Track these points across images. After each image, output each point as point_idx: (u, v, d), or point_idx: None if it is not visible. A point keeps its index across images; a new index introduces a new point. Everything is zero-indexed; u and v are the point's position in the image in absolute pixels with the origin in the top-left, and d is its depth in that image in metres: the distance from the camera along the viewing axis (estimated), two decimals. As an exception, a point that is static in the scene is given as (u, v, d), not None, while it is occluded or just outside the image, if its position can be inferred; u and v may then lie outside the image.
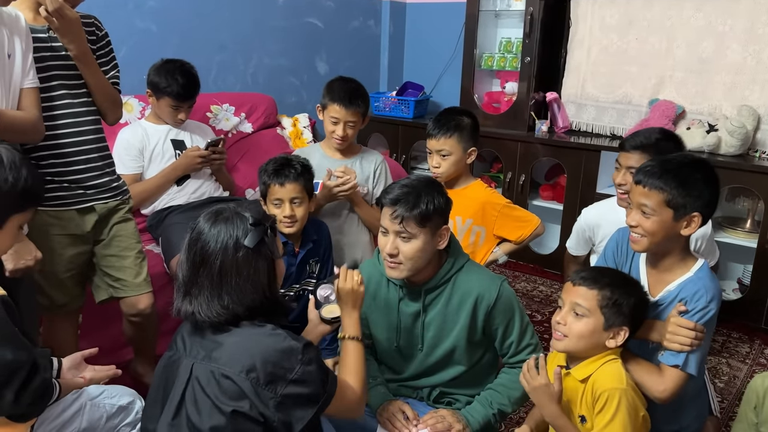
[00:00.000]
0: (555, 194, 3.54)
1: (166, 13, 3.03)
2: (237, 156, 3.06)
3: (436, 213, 1.53)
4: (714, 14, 2.95)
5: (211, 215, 1.29)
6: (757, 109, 2.89)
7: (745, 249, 2.92)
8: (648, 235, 1.52)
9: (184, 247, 1.29)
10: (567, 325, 1.45)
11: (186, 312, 1.27)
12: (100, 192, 1.85)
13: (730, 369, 2.61)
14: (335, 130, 2.28)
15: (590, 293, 1.44)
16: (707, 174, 1.52)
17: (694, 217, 1.50)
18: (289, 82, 3.77)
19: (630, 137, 2.00)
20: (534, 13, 3.33)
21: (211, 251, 1.24)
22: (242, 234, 1.24)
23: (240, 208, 1.29)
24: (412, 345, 1.67)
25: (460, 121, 2.16)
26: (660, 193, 1.49)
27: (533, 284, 3.44)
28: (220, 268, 1.23)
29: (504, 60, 3.68)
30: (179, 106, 2.45)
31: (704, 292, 1.49)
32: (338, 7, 3.93)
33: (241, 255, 1.24)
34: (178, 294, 1.29)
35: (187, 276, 1.27)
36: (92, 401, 1.50)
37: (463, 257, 1.64)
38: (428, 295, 1.62)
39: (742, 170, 2.80)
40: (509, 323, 1.62)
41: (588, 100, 3.44)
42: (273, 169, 2.01)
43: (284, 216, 1.99)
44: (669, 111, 3.07)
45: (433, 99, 4.15)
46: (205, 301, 1.24)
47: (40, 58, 1.68)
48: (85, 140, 1.80)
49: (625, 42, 3.24)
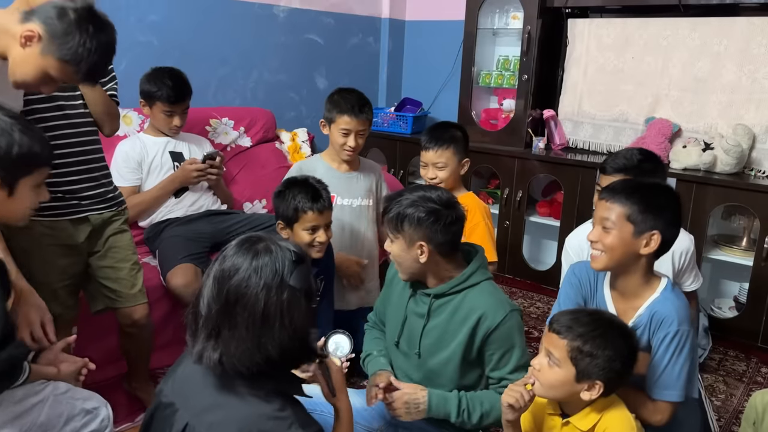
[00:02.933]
0: (552, 210, 3.55)
1: (168, 27, 3.06)
2: (235, 169, 3.07)
3: (407, 223, 1.54)
4: (709, 34, 2.99)
5: (246, 245, 1.13)
6: (752, 128, 2.91)
7: (741, 267, 2.93)
8: (607, 251, 1.52)
9: (211, 279, 1.12)
10: (541, 371, 1.38)
11: (210, 358, 1.10)
12: (95, 203, 1.85)
13: (727, 387, 2.60)
14: (346, 141, 2.28)
15: (561, 342, 1.35)
16: (670, 196, 1.54)
17: (653, 235, 1.49)
18: (289, 97, 3.80)
19: (611, 159, 2.01)
20: (531, 32, 3.37)
21: (251, 290, 1.08)
22: (287, 271, 1.10)
23: (278, 240, 1.16)
24: (410, 347, 1.68)
25: (454, 134, 2.22)
26: (621, 206, 1.50)
27: (530, 300, 3.44)
28: (263, 311, 1.08)
29: (501, 77, 3.71)
30: (172, 111, 2.47)
31: (674, 316, 1.48)
32: (338, 24, 3.97)
33: (287, 296, 1.10)
34: (198, 336, 1.12)
35: (215, 317, 1.10)
36: (56, 396, 1.44)
37: (482, 275, 1.63)
38: (436, 300, 1.63)
39: (738, 188, 2.81)
40: (506, 354, 1.58)
41: (585, 118, 3.46)
42: (310, 196, 1.94)
43: (319, 241, 1.98)
44: (665, 129, 3.10)
45: (432, 115, 4.18)
46: (236, 347, 1.08)
47: None
48: (80, 151, 1.81)
49: (621, 61, 3.27)
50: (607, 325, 1.36)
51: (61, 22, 1.37)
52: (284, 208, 1.97)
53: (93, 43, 1.40)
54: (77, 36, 1.38)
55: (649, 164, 1.96)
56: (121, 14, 2.82)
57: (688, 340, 1.50)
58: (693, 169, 2.96)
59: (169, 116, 2.47)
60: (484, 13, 3.61)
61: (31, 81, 1.45)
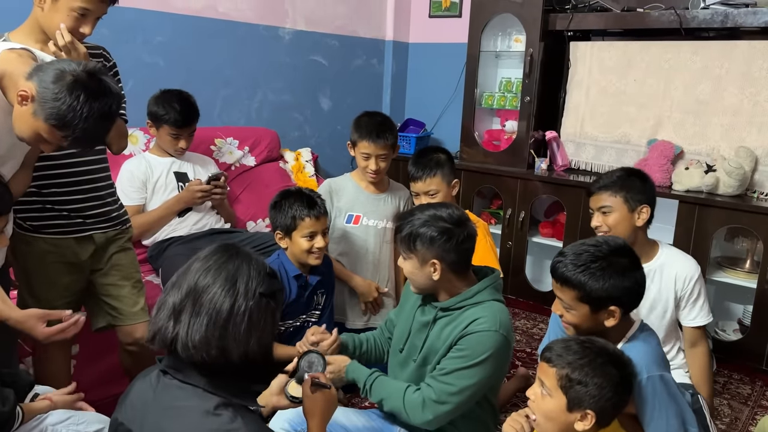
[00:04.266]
0: (555, 231, 3.55)
1: (174, 48, 3.09)
2: (239, 188, 3.09)
3: (420, 242, 1.58)
4: (710, 57, 3.01)
5: (225, 249, 1.20)
6: (754, 150, 2.92)
7: (745, 289, 2.91)
8: (572, 326, 1.52)
9: (183, 271, 1.18)
10: (535, 402, 1.37)
11: (164, 335, 1.13)
12: (100, 221, 1.85)
13: (732, 411, 2.58)
14: (368, 165, 2.33)
15: (551, 371, 1.33)
16: (623, 263, 1.49)
17: (612, 311, 1.48)
18: (293, 117, 3.83)
19: (594, 182, 2.06)
20: (534, 54, 3.40)
21: (221, 285, 1.14)
22: (260, 279, 1.17)
23: (256, 253, 1.23)
24: (411, 354, 1.71)
25: (439, 159, 2.26)
26: (572, 289, 1.48)
27: (533, 321, 3.42)
28: (230, 307, 1.13)
29: (504, 99, 3.74)
30: (179, 134, 2.49)
31: (641, 367, 1.43)
32: (342, 46, 4.01)
33: (255, 300, 1.15)
34: (159, 315, 1.16)
35: (181, 300, 1.14)
36: (54, 426, 1.43)
37: (490, 294, 1.64)
38: (441, 312, 1.65)
39: (741, 210, 2.81)
40: (458, 357, 1.56)
41: (587, 140, 3.48)
42: (305, 204, 2.03)
43: (318, 247, 2.04)
44: (667, 151, 3.11)
45: (434, 136, 4.21)
46: (198, 332, 1.11)
47: None
48: (87, 170, 1.81)
49: (623, 83, 3.30)
50: (597, 353, 1.33)
51: (55, 86, 1.35)
52: (281, 218, 2.04)
53: (84, 110, 1.36)
54: (67, 101, 1.35)
55: (630, 178, 1.99)
56: (128, 35, 2.85)
57: (662, 382, 1.46)
58: (695, 191, 2.97)
59: (175, 139, 2.50)
60: (486, 36, 3.65)
61: (27, 139, 1.44)
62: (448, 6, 4.17)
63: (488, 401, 1.70)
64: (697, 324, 2.02)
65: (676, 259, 2.03)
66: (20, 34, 1.64)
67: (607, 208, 1.98)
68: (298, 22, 3.71)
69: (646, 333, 1.54)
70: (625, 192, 1.96)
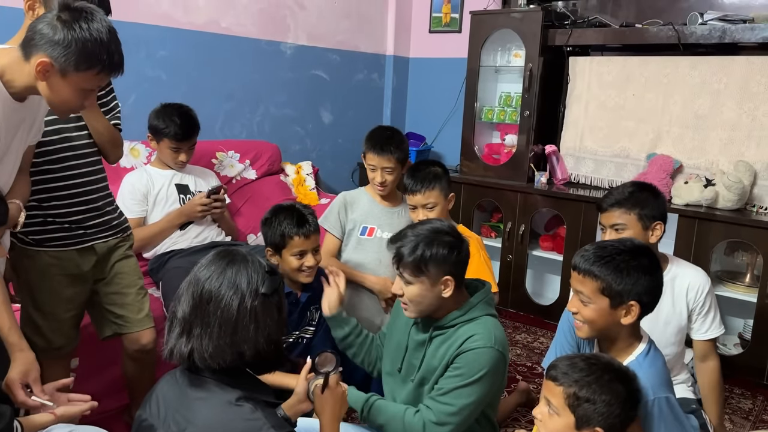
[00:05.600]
0: (555, 245, 3.55)
1: (176, 62, 3.12)
2: (240, 201, 3.10)
3: (433, 262, 1.55)
4: (709, 72, 3.03)
5: (223, 255, 1.24)
6: (753, 164, 2.93)
7: (745, 303, 2.91)
8: (587, 323, 1.50)
9: (186, 283, 1.22)
10: (542, 421, 1.35)
11: (180, 352, 1.19)
12: (100, 231, 1.86)
13: (733, 426, 2.57)
14: (374, 177, 2.33)
15: (557, 389, 1.32)
16: (645, 262, 1.48)
17: (632, 306, 1.46)
18: (294, 130, 3.85)
19: (604, 197, 2.00)
20: (533, 69, 3.43)
21: (224, 291, 1.18)
22: (261, 280, 1.21)
23: (253, 253, 1.27)
24: (409, 373, 1.69)
25: (436, 172, 2.24)
26: (594, 280, 1.46)
27: (533, 335, 3.42)
28: (237, 311, 1.18)
29: (504, 113, 3.76)
30: (179, 148, 2.51)
31: (647, 389, 1.42)
32: (344, 60, 4.05)
33: (259, 301, 1.20)
34: (172, 332, 1.21)
35: (189, 315, 1.19)
36: None
37: (482, 309, 1.63)
38: (435, 332, 1.64)
39: (741, 225, 2.82)
40: (454, 376, 1.56)
41: (586, 154, 3.49)
42: (295, 221, 1.98)
43: (308, 266, 2.00)
44: (667, 165, 3.12)
45: (435, 149, 4.23)
46: (210, 342, 1.17)
47: None
48: (87, 181, 1.82)
49: (622, 98, 3.32)
50: (603, 370, 1.33)
51: (57, 38, 1.33)
52: (271, 235, 2.00)
53: (93, 32, 1.35)
54: (78, 38, 1.34)
55: (643, 194, 1.95)
56: (131, 49, 2.84)
57: (672, 406, 1.45)
58: (695, 205, 2.98)
59: (175, 152, 2.52)
60: (486, 51, 3.67)
61: (75, 104, 1.45)
62: (448, 21, 4.21)
63: (487, 418, 1.70)
64: (709, 337, 1.99)
65: (687, 271, 2.01)
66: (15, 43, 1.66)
67: (621, 226, 1.93)
68: (300, 37, 3.74)
69: (654, 354, 1.53)
70: (639, 209, 1.91)
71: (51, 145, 1.74)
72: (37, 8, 1.58)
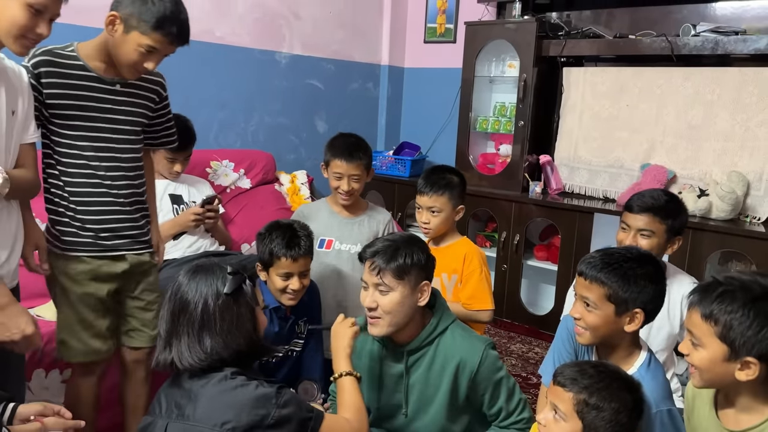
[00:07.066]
0: (549, 254, 3.56)
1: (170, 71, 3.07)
2: (234, 211, 3.08)
3: (415, 267, 1.53)
4: (702, 83, 3.05)
5: (190, 268, 1.34)
6: (746, 175, 2.94)
7: (740, 313, 2.91)
8: (590, 329, 1.49)
9: (164, 301, 1.33)
10: (547, 427, 1.34)
11: (164, 360, 1.30)
12: (133, 243, 1.87)
13: (729, 436, 2.56)
14: (340, 185, 2.26)
15: (566, 395, 1.30)
16: (651, 270, 1.48)
17: (636, 314, 1.46)
18: (289, 139, 3.85)
19: (637, 198, 1.96)
20: (527, 80, 3.44)
21: (190, 300, 1.29)
22: (221, 283, 1.30)
23: (220, 261, 1.36)
24: (394, 408, 1.64)
25: (451, 180, 2.18)
26: (601, 287, 1.46)
27: (528, 346, 3.41)
28: (201, 315, 1.28)
29: (498, 123, 3.77)
30: (174, 158, 2.50)
31: (650, 401, 1.40)
32: (338, 70, 4.05)
33: (221, 302, 1.29)
34: (159, 347, 1.33)
35: (168, 328, 1.31)
36: None
37: (447, 318, 1.62)
38: (411, 356, 1.59)
39: (734, 235, 2.83)
40: (495, 389, 1.58)
41: (580, 164, 3.50)
42: (285, 242, 1.91)
43: (292, 289, 1.93)
44: (660, 175, 3.13)
45: (429, 159, 4.23)
46: (186, 347, 1.27)
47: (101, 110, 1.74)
48: (127, 193, 1.82)
49: (616, 108, 3.33)
50: (612, 377, 1.32)
51: None
52: (262, 251, 1.95)
53: None
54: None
55: (673, 204, 1.94)
56: (126, 58, 2.87)
57: (670, 417, 1.45)
58: (689, 215, 2.97)
59: (170, 162, 2.51)
60: (481, 62, 3.69)
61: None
62: (443, 32, 4.23)
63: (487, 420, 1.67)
64: None
65: (684, 280, 2.01)
66: (88, 47, 1.72)
67: (648, 233, 1.91)
68: (295, 46, 3.75)
69: (655, 365, 1.52)
70: (672, 220, 1.90)
71: (98, 152, 1.75)
72: (116, 25, 1.65)
